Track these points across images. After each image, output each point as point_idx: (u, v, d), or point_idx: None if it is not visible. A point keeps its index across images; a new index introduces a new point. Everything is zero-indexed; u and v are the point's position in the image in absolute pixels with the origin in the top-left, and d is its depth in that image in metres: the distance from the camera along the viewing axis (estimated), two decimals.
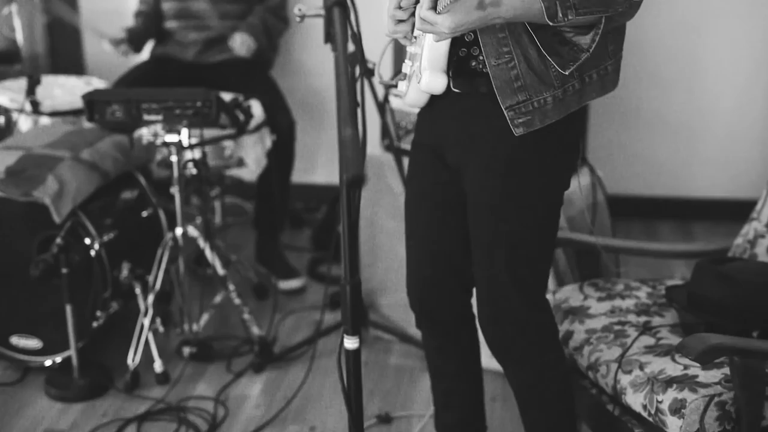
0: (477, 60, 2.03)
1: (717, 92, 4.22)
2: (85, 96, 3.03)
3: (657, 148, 4.32)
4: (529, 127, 1.99)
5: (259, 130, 3.49)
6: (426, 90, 2.03)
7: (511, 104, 1.97)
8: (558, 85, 1.98)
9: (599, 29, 1.92)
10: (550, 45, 1.94)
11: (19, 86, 3.68)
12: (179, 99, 2.97)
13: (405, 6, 2.08)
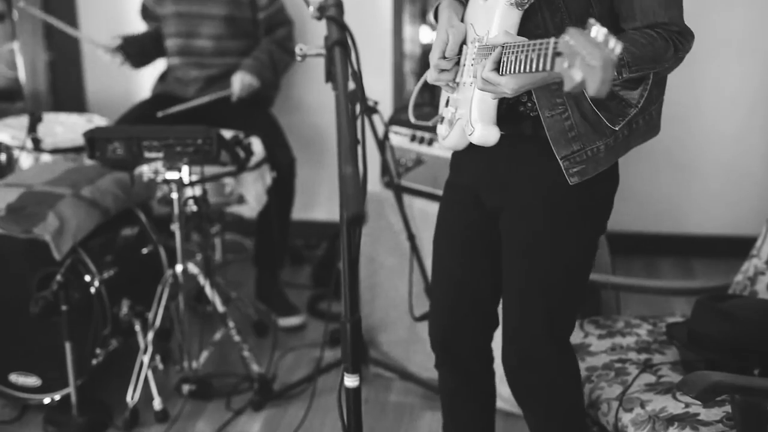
0: (525, 106, 2.05)
1: (716, 129, 4.23)
2: (87, 133, 3.05)
3: (656, 184, 4.33)
4: (584, 176, 2.01)
5: (260, 167, 3.50)
6: (479, 142, 2.04)
7: (566, 154, 1.99)
8: (610, 133, 2.00)
9: (648, 84, 1.96)
10: (599, 100, 1.95)
11: (21, 124, 3.70)
12: (180, 136, 2.99)
13: (449, 56, 2.11)
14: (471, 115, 2.03)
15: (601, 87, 1.41)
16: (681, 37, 1.93)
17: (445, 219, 2.30)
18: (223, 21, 3.84)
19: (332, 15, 1.48)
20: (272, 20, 3.92)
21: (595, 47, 1.42)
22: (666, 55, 1.90)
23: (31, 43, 4.26)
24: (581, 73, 1.44)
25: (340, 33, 1.46)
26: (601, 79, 1.40)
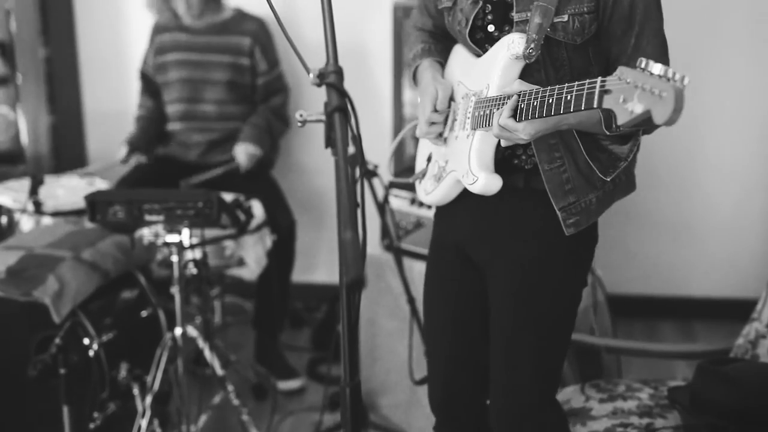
0: (520, 159, 2.09)
1: (715, 191, 4.25)
2: (88, 197, 3.05)
3: (656, 247, 4.33)
4: (578, 227, 2.07)
5: (260, 230, 3.51)
6: (482, 191, 2.06)
7: (563, 206, 2.04)
8: (600, 186, 2.07)
9: (638, 140, 2.01)
10: (591, 151, 2.03)
11: (22, 186, 3.71)
12: (181, 200, 3.00)
13: (440, 109, 2.16)
14: (471, 166, 2.06)
15: (673, 116, 1.46)
16: None
17: (433, 281, 2.32)
18: (226, 86, 3.89)
19: (332, 82, 1.49)
20: (270, 87, 3.96)
21: (659, 80, 1.48)
22: None
23: (34, 107, 4.30)
24: (642, 105, 1.50)
25: (339, 99, 1.47)
26: (673, 108, 1.45)
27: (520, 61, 1.98)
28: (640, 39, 1.96)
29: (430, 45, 2.31)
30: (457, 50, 2.24)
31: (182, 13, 3.87)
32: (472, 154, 2.06)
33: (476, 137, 2.06)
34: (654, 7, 1.97)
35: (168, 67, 3.96)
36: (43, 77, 4.26)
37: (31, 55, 4.24)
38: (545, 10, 1.94)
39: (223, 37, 3.90)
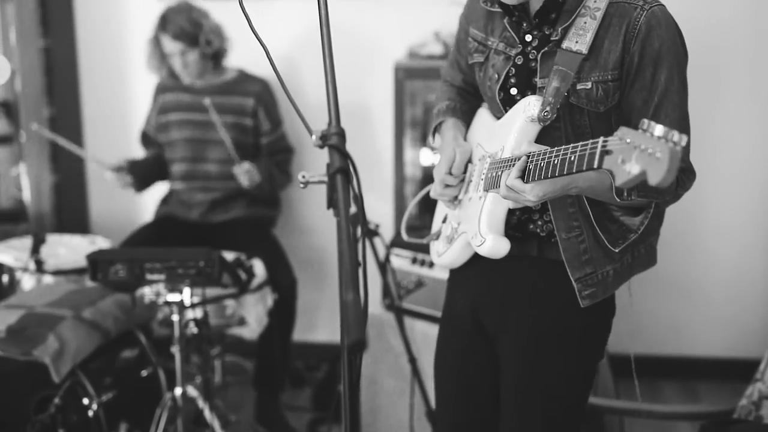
0: (536, 224, 2.08)
1: (717, 250, 4.25)
2: (90, 256, 3.06)
3: (658, 306, 4.32)
4: (594, 299, 2.04)
5: (261, 289, 3.50)
6: (488, 254, 2.06)
7: (579, 276, 2.03)
8: (618, 258, 2.05)
9: (649, 212, 2.02)
10: (601, 221, 2.02)
11: (24, 245, 3.72)
12: (182, 259, 3.00)
13: (456, 173, 2.16)
14: (480, 227, 2.06)
15: (666, 176, 1.44)
16: (684, 174, 2.00)
17: (445, 354, 2.30)
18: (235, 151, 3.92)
19: (334, 144, 1.51)
20: (274, 146, 3.99)
21: (657, 141, 1.47)
22: (669, 189, 1.95)
23: (37, 166, 4.32)
24: (639, 166, 1.49)
25: (341, 161, 1.48)
26: (667, 168, 1.44)
27: (535, 124, 1.99)
28: (659, 111, 1.96)
29: (456, 103, 2.32)
30: (481, 113, 2.26)
31: (179, 72, 3.90)
32: (482, 215, 2.07)
33: (488, 199, 2.07)
34: (677, 82, 1.97)
35: (171, 127, 3.99)
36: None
37: (36, 114, 4.28)
38: (564, 75, 1.95)
39: (226, 98, 3.93)
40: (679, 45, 1.98)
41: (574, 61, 1.95)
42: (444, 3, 3.96)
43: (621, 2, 1.97)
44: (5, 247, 3.73)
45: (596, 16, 1.96)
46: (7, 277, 3.59)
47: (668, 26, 1.96)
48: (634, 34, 1.94)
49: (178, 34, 3.80)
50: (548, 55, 2.01)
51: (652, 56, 1.94)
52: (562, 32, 1.99)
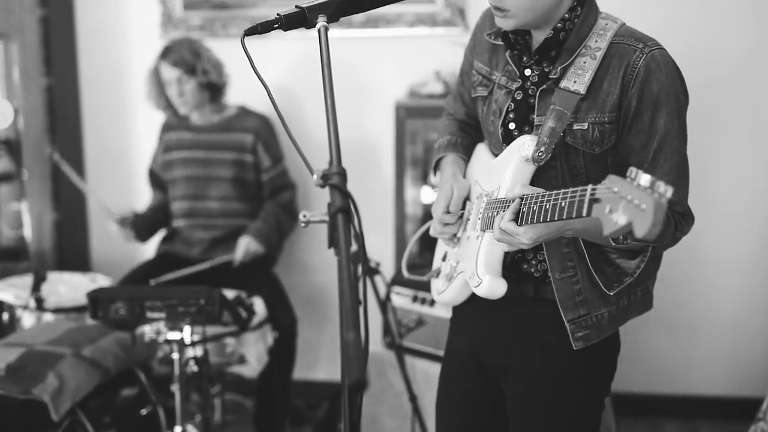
0: (530, 264, 2.08)
1: (718, 288, 4.24)
2: (90, 294, 3.06)
3: (659, 344, 4.30)
4: (587, 342, 2.03)
5: (261, 328, 3.50)
6: (485, 295, 2.05)
7: (572, 318, 2.02)
8: (613, 301, 2.04)
9: (645, 256, 2.02)
10: (597, 264, 2.02)
11: (25, 283, 3.72)
12: (183, 297, 3.00)
13: (453, 210, 2.16)
14: (477, 268, 2.05)
15: (651, 230, 1.43)
16: (682, 218, 2.00)
17: (447, 387, 2.29)
18: (230, 183, 3.92)
19: (335, 183, 1.51)
20: (275, 183, 4.00)
21: (643, 192, 1.45)
22: (666, 233, 1.95)
23: (38, 203, 4.33)
24: (626, 217, 1.47)
25: (343, 200, 1.49)
26: (652, 222, 1.42)
27: (530, 164, 1.99)
28: (658, 156, 1.95)
29: (457, 138, 2.32)
30: (479, 149, 2.26)
31: (175, 101, 3.92)
32: (479, 255, 2.06)
33: (485, 239, 2.06)
34: (676, 127, 1.96)
35: (174, 165, 4.01)
36: (48, 174, 4.30)
37: (38, 152, 4.29)
38: (560, 114, 1.95)
39: (226, 135, 3.95)
40: (679, 89, 1.98)
41: (572, 101, 1.95)
42: (444, 42, 3.99)
43: (622, 43, 1.97)
44: (6, 285, 3.73)
45: (596, 56, 1.97)
46: (7, 314, 3.59)
47: (668, 70, 1.95)
48: (632, 77, 1.94)
49: (177, 61, 3.84)
50: (546, 92, 2.02)
51: (651, 100, 1.93)
52: (561, 71, 2.00)
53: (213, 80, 3.89)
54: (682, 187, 2.00)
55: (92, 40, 4.50)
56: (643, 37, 1.99)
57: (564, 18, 1.99)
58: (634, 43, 1.97)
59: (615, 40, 1.98)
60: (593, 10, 2.03)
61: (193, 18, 4.29)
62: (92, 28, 4.50)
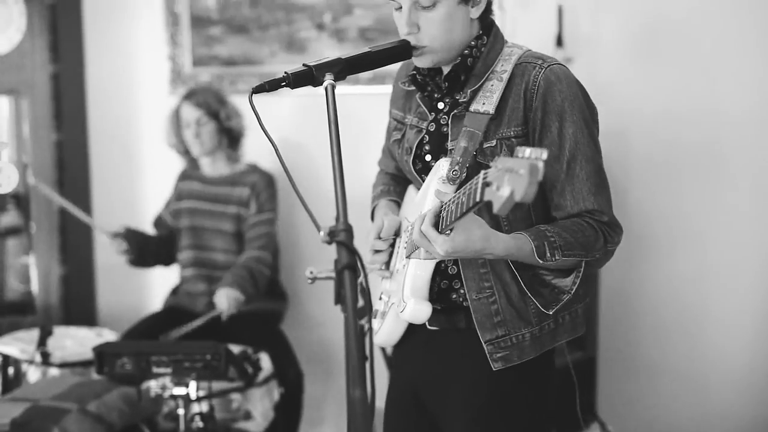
0: (458, 293, 2.09)
1: (723, 343, 4.21)
2: (96, 348, 3.06)
3: (666, 399, 4.27)
4: (507, 362, 2.03)
5: (267, 383, 3.48)
6: (410, 319, 2.06)
7: (490, 338, 2.03)
8: (536, 322, 2.05)
9: (580, 272, 2.03)
10: (531, 286, 2.04)
11: (31, 337, 3.72)
12: (189, 352, 3.00)
13: (384, 237, 2.19)
14: (404, 292, 2.06)
15: (528, 190, 1.45)
16: (609, 228, 2.02)
17: (390, 422, 2.29)
18: (232, 236, 3.94)
19: (342, 240, 1.52)
20: (252, 230, 3.93)
21: (522, 160, 1.48)
22: (596, 245, 1.98)
23: (46, 257, 4.35)
24: (509, 188, 1.49)
25: (349, 257, 1.50)
26: (528, 182, 1.44)
27: (447, 183, 2.01)
28: (572, 165, 1.99)
29: (390, 186, 2.38)
30: (409, 190, 2.31)
31: (190, 143, 3.94)
32: (406, 280, 2.07)
33: (411, 264, 2.08)
34: (586, 135, 2.01)
35: (182, 214, 4.04)
36: (56, 228, 4.32)
37: (46, 206, 4.32)
38: (471, 134, 2.00)
39: (231, 189, 3.98)
40: (582, 100, 2.03)
41: (482, 121, 2.00)
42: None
43: (524, 62, 2.04)
44: (12, 339, 3.73)
45: (503, 78, 2.03)
46: (12, 369, 3.58)
47: (569, 82, 2.01)
48: (534, 90, 1.99)
49: (200, 102, 3.90)
50: (458, 118, 2.07)
51: (556, 111, 1.99)
52: (471, 95, 2.05)
53: (232, 126, 3.93)
54: (602, 194, 2.03)
55: (102, 96, 4.55)
56: (543, 56, 2.06)
57: (470, 45, 2.07)
58: (535, 60, 2.04)
59: (519, 61, 2.05)
60: (499, 39, 2.11)
61: (202, 74, 4.34)
62: (102, 84, 4.55)
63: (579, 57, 3.77)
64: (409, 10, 2.01)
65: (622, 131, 3.84)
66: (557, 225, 1.98)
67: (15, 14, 4.25)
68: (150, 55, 4.47)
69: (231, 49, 4.30)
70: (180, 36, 4.35)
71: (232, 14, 4.28)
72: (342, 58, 1.97)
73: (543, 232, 1.95)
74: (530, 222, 2.04)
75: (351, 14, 4.12)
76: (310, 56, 4.17)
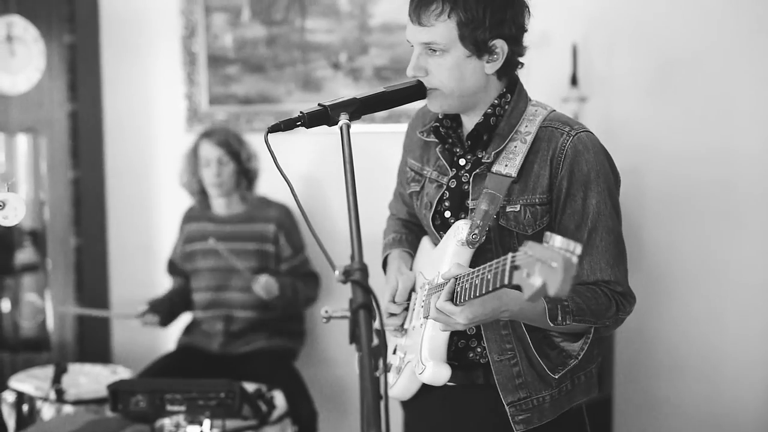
0: (475, 351, 2.08)
1: (740, 384, 4.17)
2: (111, 386, 3.06)
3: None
4: (528, 425, 2.02)
5: (281, 422, 3.47)
6: (429, 381, 2.05)
7: (512, 400, 2.02)
8: (555, 384, 2.04)
9: (589, 338, 2.03)
10: (540, 347, 2.03)
11: (46, 374, 3.72)
12: (203, 390, 2.99)
13: (398, 300, 2.18)
14: (421, 354, 2.05)
15: (562, 286, 1.44)
16: (623, 298, 2.02)
17: None
18: (253, 273, 3.93)
19: (357, 279, 1.52)
20: (295, 272, 4.00)
21: (555, 252, 1.47)
22: (607, 313, 1.98)
23: (61, 294, 4.36)
24: (541, 278, 1.49)
25: (364, 296, 1.50)
26: (562, 278, 1.44)
27: (466, 247, 2.01)
28: (593, 235, 1.99)
29: (402, 235, 2.37)
30: (423, 242, 2.30)
31: (210, 183, 3.96)
32: (423, 342, 2.06)
33: (428, 325, 2.07)
34: (609, 207, 2.01)
35: (196, 257, 4.03)
36: (72, 266, 4.34)
37: (62, 243, 4.34)
38: (493, 197, 2.00)
39: (248, 225, 3.98)
40: (608, 169, 2.03)
41: (504, 184, 2.00)
42: None
43: (550, 127, 2.03)
44: (26, 376, 3.73)
45: (527, 140, 2.02)
46: (27, 406, 3.58)
47: (596, 151, 2.01)
48: (561, 159, 1.99)
49: (222, 142, 3.92)
50: (479, 177, 2.06)
51: (582, 181, 1.98)
52: (494, 156, 2.04)
53: (251, 168, 3.96)
54: (619, 266, 2.03)
55: (119, 134, 4.59)
56: (570, 121, 2.05)
57: (493, 104, 2.06)
58: (561, 127, 2.03)
59: (544, 124, 2.04)
60: (523, 97, 2.10)
61: (219, 113, 4.37)
62: (119, 122, 4.58)
63: (593, 96, 3.78)
64: (418, 54, 2.02)
65: (636, 169, 3.84)
66: (572, 290, 1.96)
67: (34, 54, 4.30)
68: (167, 94, 4.51)
69: (247, 87, 4.34)
70: (197, 75, 4.39)
71: (249, 53, 4.32)
72: (357, 98, 1.97)
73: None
74: None
75: (366, 54, 4.15)
76: (325, 95, 4.20)
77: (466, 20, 1.95)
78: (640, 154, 3.86)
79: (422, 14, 1.97)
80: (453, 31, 1.96)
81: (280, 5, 4.25)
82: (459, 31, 1.96)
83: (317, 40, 4.21)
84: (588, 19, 3.86)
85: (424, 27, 1.97)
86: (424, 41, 1.99)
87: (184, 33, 4.39)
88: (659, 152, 3.86)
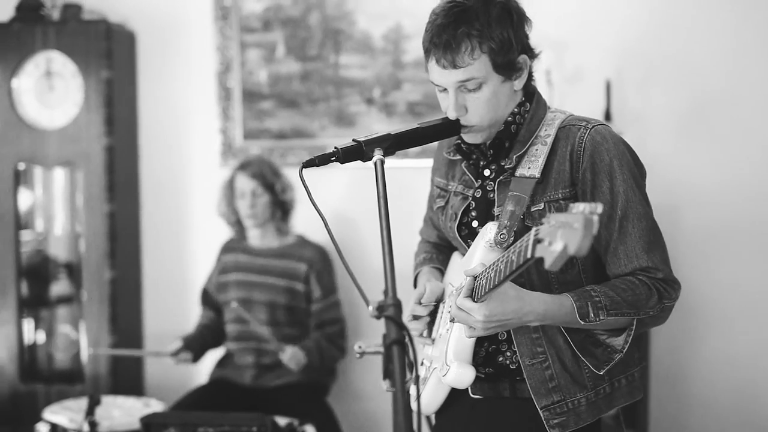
0: (505, 356, 2.08)
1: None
2: (144, 418, 3.07)
3: None
4: (564, 429, 2.01)
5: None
6: (453, 383, 2.05)
7: (546, 404, 2.01)
8: (591, 386, 2.03)
9: (632, 330, 2.00)
10: (583, 347, 2.02)
11: (79, 406, 3.73)
12: (235, 424, 3.00)
13: (425, 303, 2.18)
14: (447, 356, 2.05)
15: (581, 244, 1.45)
16: (665, 284, 1.99)
17: None
18: (282, 309, 3.94)
19: (390, 315, 1.52)
20: (322, 315, 4.00)
21: (575, 214, 1.49)
22: (648, 303, 1.95)
23: (96, 326, 4.38)
24: (562, 242, 1.49)
25: (398, 332, 1.50)
26: (582, 235, 1.45)
27: (494, 248, 2.01)
28: (625, 223, 1.99)
29: (432, 254, 2.39)
30: (454, 256, 2.31)
31: (245, 214, 3.98)
32: (449, 344, 2.06)
33: (454, 328, 2.07)
34: (637, 194, 2.01)
35: (229, 287, 4.05)
36: (107, 298, 4.37)
37: (97, 276, 4.37)
38: (518, 199, 2.00)
39: (281, 261, 3.99)
40: (629, 157, 2.03)
41: (528, 185, 2.01)
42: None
43: (567, 125, 2.05)
44: (60, 408, 3.75)
45: (547, 142, 2.04)
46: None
47: (615, 141, 2.02)
48: (580, 152, 2.00)
49: (256, 174, 3.95)
50: (504, 184, 2.08)
51: (605, 170, 1.99)
52: (516, 160, 2.06)
53: (286, 200, 3.98)
54: (656, 251, 2.01)
55: (154, 168, 4.63)
56: (587, 118, 2.07)
57: (513, 112, 2.08)
58: (578, 123, 2.05)
59: (562, 125, 2.06)
60: (542, 105, 2.12)
61: (253, 147, 4.40)
62: (155, 157, 4.63)
63: (627, 131, 3.77)
64: (455, 94, 2.02)
65: (672, 204, 3.82)
66: (605, 284, 1.98)
67: (72, 88, 4.36)
68: (202, 129, 4.55)
69: (281, 122, 4.37)
70: (232, 110, 4.43)
71: (283, 89, 4.35)
72: (391, 134, 1.98)
73: (588, 292, 1.95)
74: (580, 285, 2.02)
75: (400, 89, 4.18)
76: (359, 130, 4.22)
77: (497, 48, 1.97)
78: (676, 190, 3.84)
79: (455, 57, 1.97)
80: (488, 63, 1.98)
81: (315, 41, 4.29)
82: (492, 62, 1.99)
83: (351, 75, 4.24)
84: (621, 54, 3.86)
85: (460, 68, 1.98)
86: (461, 80, 2.00)
87: (220, 69, 4.44)
88: (695, 188, 3.84)
